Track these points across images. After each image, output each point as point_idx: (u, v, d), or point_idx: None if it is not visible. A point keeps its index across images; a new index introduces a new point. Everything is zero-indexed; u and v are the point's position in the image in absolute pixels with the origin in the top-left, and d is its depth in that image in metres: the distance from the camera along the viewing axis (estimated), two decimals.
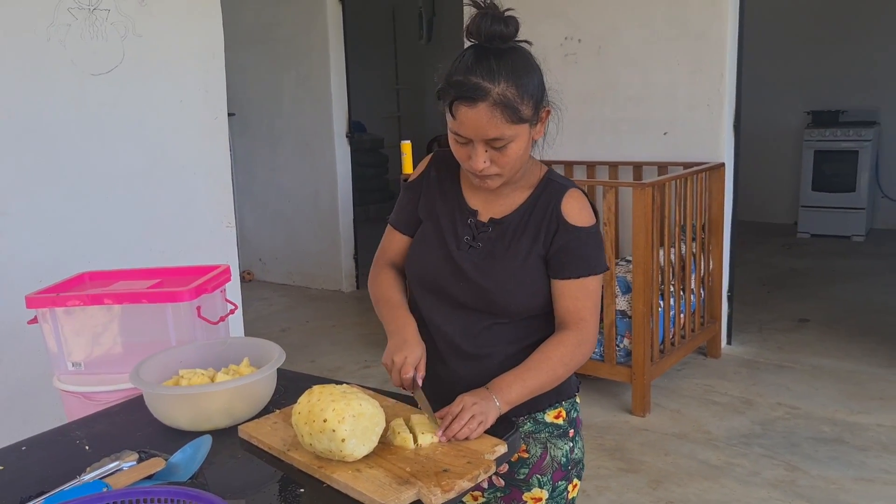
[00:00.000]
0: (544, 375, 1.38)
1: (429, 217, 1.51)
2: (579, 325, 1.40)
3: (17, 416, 2.56)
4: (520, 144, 1.35)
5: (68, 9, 2.59)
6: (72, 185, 2.67)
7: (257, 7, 5.62)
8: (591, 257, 1.41)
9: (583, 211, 1.43)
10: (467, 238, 1.45)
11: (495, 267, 1.41)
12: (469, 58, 1.32)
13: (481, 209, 1.47)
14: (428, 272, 1.49)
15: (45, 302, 1.73)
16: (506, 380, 1.35)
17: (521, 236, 1.42)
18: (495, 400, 1.32)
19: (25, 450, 1.34)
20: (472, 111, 1.30)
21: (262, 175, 6.02)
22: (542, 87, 1.38)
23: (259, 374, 1.38)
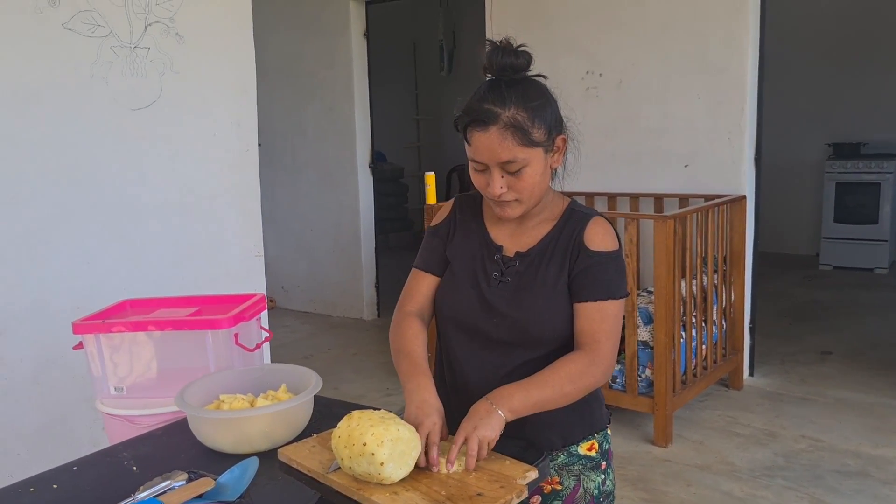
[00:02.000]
0: (549, 389, 1.38)
1: (457, 258, 1.55)
2: (592, 346, 1.42)
3: (56, 437, 2.63)
4: (535, 170, 1.40)
5: (111, 47, 2.71)
6: (110, 215, 2.76)
7: (283, 41, 5.77)
8: (610, 281, 1.44)
9: (605, 237, 1.47)
10: (496, 274, 1.49)
11: (526, 298, 1.46)
12: (482, 88, 1.41)
13: (507, 244, 1.52)
14: (460, 311, 1.52)
15: (90, 328, 1.81)
16: (507, 389, 1.37)
17: (548, 266, 1.47)
18: (497, 410, 1.32)
19: (76, 470, 1.40)
20: (484, 135, 1.37)
21: (285, 204, 6.13)
22: (555, 115, 1.44)
23: (298, 400, 1.43)
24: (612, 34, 4.30)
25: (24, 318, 2.54)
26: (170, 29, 2.88)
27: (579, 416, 1.52)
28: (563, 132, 1.46)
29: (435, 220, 1.64)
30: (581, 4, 4.38)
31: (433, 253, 1.59)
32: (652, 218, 3.41)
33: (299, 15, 5.67)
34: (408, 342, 1.51)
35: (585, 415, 1.53)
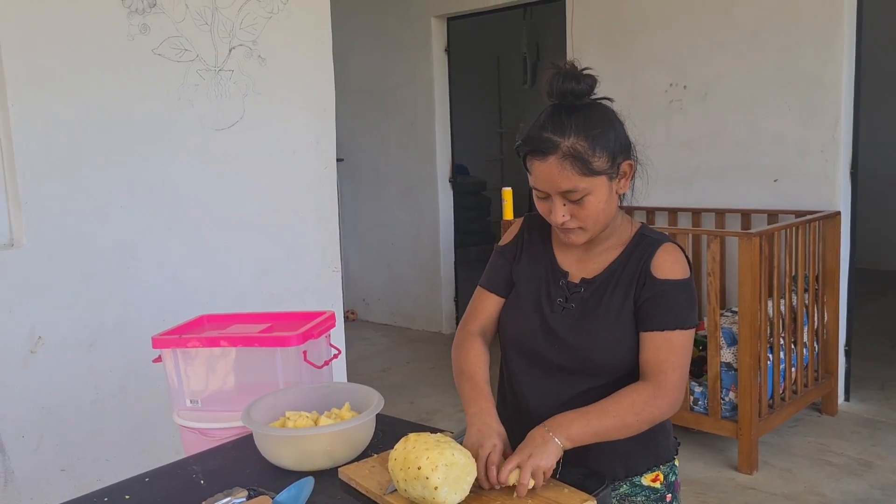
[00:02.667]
0: (611, 419, 1.34)
1: (522, 280, 1.53)
2: (658, 377, 1.38)
3: (138, 445, 2.74)
4: (598, 198, 1.36)
5: (197, 71, 2.83)
6: (194, 232, 2.87)
7: (365, 59, 5.88)
8: (678, 311, 1.39)
9: (675, 265, 1.41)
10: (560, 300, 1.47)
11: (589, 326, 1.42)
12: (543, 115, 1.38)
13: (573, 270, 1.49)
14: (522, 336, 1.50)
15: (168, 343, 1.88)
16: (567, 416, 1.34)
17: (613, 293, 1.43)
18: (554, 438, 1.29)
19: (148, 481, 1.46)
20: (543, 165, 1.35)
21: (367, 218, 6.23)
22: (620, 141, 1.39)
23: (359, 420, 1.44)
24: (698, 45, 4.18)
25: (112, 330, 2.67)
26: (252, 52, 2.98)
27: (643, 447, 1.47)
28: (629, 157, 1.41)
29: (503, 239, 1.63)
30: (664, 15, 4.28)
31: (498, 273, 1.58)
32: (736, 235, 3.28)
33: (381, 33, 5.77)
34: (470, 363, 1.51)
35: (650, 445, 1.48)
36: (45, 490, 2.55)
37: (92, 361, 2.64)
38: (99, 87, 2.58)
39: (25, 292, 2.47)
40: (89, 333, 2.62)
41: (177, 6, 2.74)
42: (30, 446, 2.51)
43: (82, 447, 2.62)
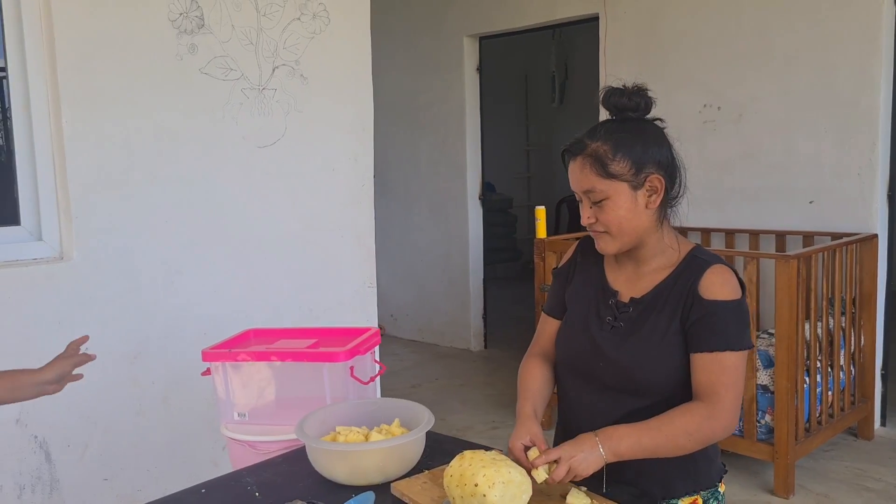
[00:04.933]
0: (662, 438, 1.36)
1: (573, 301, 1.57)
2: (712, 398, 1.38)
3: (179, 457, 2.78)
4: (617, 203, 1.41)
5: (242, 89, 2.89)
6: (236, 247, 2.92)
7: (398, 78, 5.95)
8: (727, 332, 1.39)
9: (724, 286, 1.41)
10: (609, 318, 1.49)
11: (635, 345, 1.44)
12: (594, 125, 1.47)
13: (623, 290, 1.51)
14: (572, 355, 1.54)
15: (218, 356, 1.92)
16: (620, 430, 1.36)
17: (661, 314, 1.44)
18: (600, 448, 1.32)
19: (204, 492, 1.49)
20: (573, 164, 1.46)
21: (396, 234, 6.28)
22: (652, 156, 1.42)
23: (412, 436, 1.47)
24: (732, 67, 4.18)
25: (158, 342, 2.72)
26: (295, 71, 3.04)
27: (682, 470, 1.47)
28: (661, 174, 1.43)
29: (561, 261, 1.68)
30: (699, 37, 4.30)
31: (555, 296, 1.63)
32: (773, 257, 3.27)
33: (414, 53, 5.84)
34: (527, 379, 1.60)
35: (690, 469, 1.48)
36: (88, 499, 2.59)
37: (136, 373, 2.69)
38: (148, 106, 2.65)
39: (74, 304, 2.53)
40: (134, 346, 2.67)
41: (223, 27, 2.81)
42: (75, 455, 2.56)
43: (125, 457, 2.67)
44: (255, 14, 2.89)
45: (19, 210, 2.55)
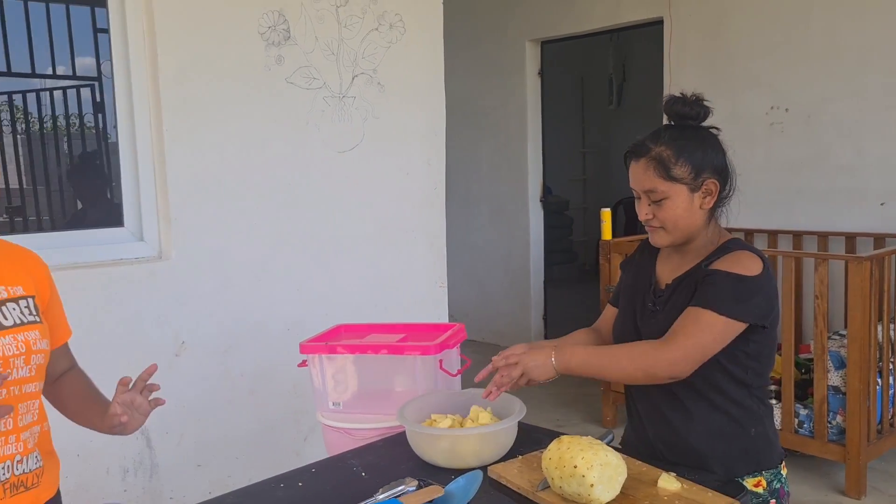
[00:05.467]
0: (608, 359, 1.52)
1: (624, 293, 1.74)
2: (669, 337, 1.50)
3: (266, 445, 2.94)
4: (676, 203, 1.54)
5: (324, 97, 3.04)
6: (317, 248, 3.07)
7: (461, 83, 6.06)
8: (717, 296, 1.48)
9: (735, 265, 1.52)
10: (650, 304, 1.64)
11: (662, 324, 1.56)
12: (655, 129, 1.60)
13: (664, 278, 1.65)
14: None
15: (315, 349, 2.04)
16: (574, 349, 1.54)
17: (684, 293, 1.57)
18: (552, 359, 1.48)
19: (315, 472, 1.62)
20: (635, 165, 1.58)
21: (458, 236, 6.38)
22: (711, 161, 1.56)
23: (508, 423, 1.57)
24: (801, 68, 4.18)
25: (246, 337, 2.88)
26: (373, 79, 3.18)
27: (742, 451, 1.55)
28: (717, 179, 1.55)
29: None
30: (767, 39, 4.30)
31: (616, 289, 1.81)
32: (846, 258, 3.27)
33: (477, 58, 5.95)
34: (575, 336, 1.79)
35: (750, 451, 1.57)
36: (183, 483, 2.77)
37: (227, 366, 2.86)
38: (239, 114, 2.81)
39: (172, 301, 2.71)
40: (225, 340, 2.84)
41: (308, 38, 2.96)
42: (172, 442, 2.73)
43: (216, 445, 2.83)
44: (337, 26, 3.03)
45: (123, 213, 2.75)
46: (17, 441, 1.35)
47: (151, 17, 2.61)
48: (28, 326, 1.36)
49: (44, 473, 1.42)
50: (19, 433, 1.35)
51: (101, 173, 3.87)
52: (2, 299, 1.35)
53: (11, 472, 1.33)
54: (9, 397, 1.32)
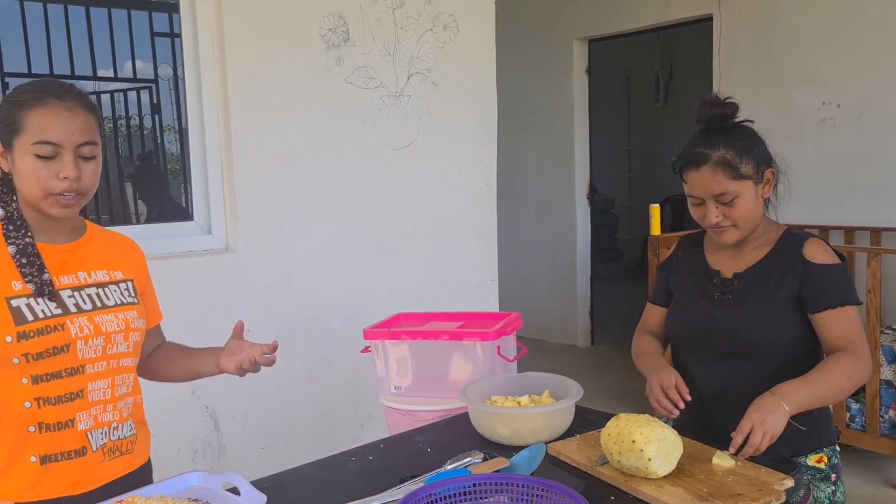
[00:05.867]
0: (829, 384, 1.52)
1: (680, 287, 1.81)
2: (851, 346, 1.55)
3: (323, 429, 3.07)
4: (747, 199, 1.61)
5: (380, 97, 3.15)
6: (373, 242, 3.18)
7: (509, 81, 6.13)
8: (844, 290, 1.59)
9: (825, 253, 1.62)
10: (716, 295, 1.70)
11: (747, 312, 1.63)
12: (694, 136, 1.67)
13: (724, 268, 1.72)
14: (685, 330, 1.76)
15: (379, 335, 2.15)
16: (792, 385, 1.50)
17: (767, 283, 1.64)
18: (783, 404, 1.46)
19: (383, 447, 1.72)
20: (697, 174, 1.62)
21: (504, 232, 6.40)
22: (762, 152, 1.64)
23: (567, 402, 1.65)
24: (853, 63, 4.15)
25: (305, 326, 3.01)
26: (427, 78, 3.28)
27: (807, 431, 1.61)
28: (771, 166, 1.65)
29: (665, 257, 1.87)
30: (818, 34, 4.28)
31: (659, 287, 1.88)
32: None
33: (524, 56, 6.01)
34: (645, 347, 1.83)
35: (813, 429, 1.63)
36: (248, 464, 2.90)
37: (288, 354, 2.97)
38: (300, 113, 2.94)
39: (238, 290, 2.85)
40: (287, 329, 2.96)
41: (366, 39, 3.07)
42: (238, 425, 2.88)
43: (279, 429, 2.97)
44: (394, 27, 3.14)
45: (192, 207, 2.90)
46: (114, 410, 1.48)
47: (220, 23, 2.75)
48: (127, 307, 1.50)
49: (137, 441, 1.55)
50: (115, 402, 1.48)
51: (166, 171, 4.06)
52: (105, 282, 1.49)
53: (108, 437, 1.47)
54: (108, 369, 1.45)
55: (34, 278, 1.37)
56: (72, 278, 1.44)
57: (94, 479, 1.45)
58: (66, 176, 1.36)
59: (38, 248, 1.41)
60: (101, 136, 1.44)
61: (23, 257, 1.38)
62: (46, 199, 1.38)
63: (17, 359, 1.34)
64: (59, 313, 1.39)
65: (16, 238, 1.39)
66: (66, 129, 1.36)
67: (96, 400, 1.44)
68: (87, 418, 1.43)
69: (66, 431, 1.39)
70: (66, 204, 1.39)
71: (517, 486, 1.21)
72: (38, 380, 1.36)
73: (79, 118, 1.38)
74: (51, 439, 1.38)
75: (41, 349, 1.36)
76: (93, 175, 1.41)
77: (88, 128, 1.39)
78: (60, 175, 1.36)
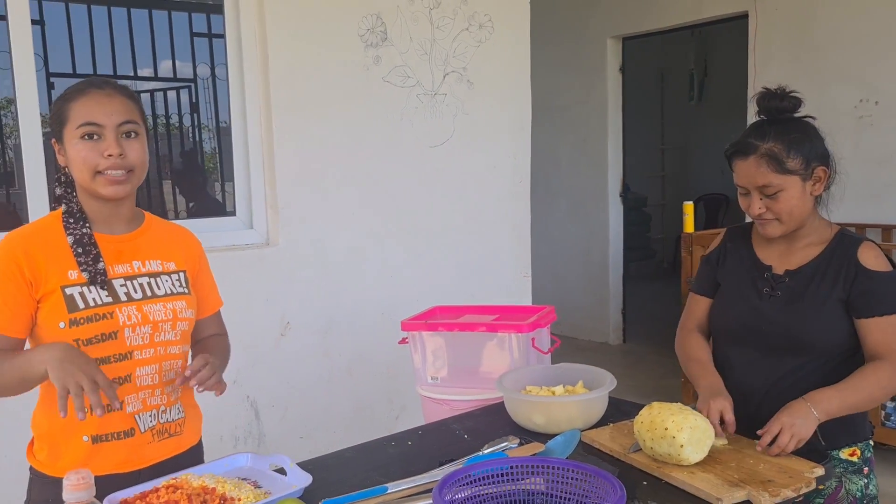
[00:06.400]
0: (862, 393, 1.54)
1: (727, 279, 1.80)
2: (892, 355, 1.56)
3: (361, 420, 3.14)
4: (791, 194, 1.61)
5: (417, 95, 3.21)
6: (409, 237, 3.25)
7: (541, 79, 6.12)
8: (892, 298, 1.59)
9: (879, 258, 1.63)
10: (766, 289, 1.70)
11: (797, 309, 1.64)
12: (751, 126, 1.68)
13: (775, 264, 1.72)
14: (732, 324, 1.75)
15: (416, 327, 2.21)
16: (825, 393, 1.53)
17: (821, 282, 1.64)
18: (813, 411, 1.49)
19: (421, 434, 1.78)
20: (744, 163, 1.63)
21: (535, 230, 6.43)
22: (816, 149, 1.63)
23: (600, 392, 1.70)
24: (891, 60, 4.12)
25: (344, 319, 3.08)
26: (462, 77, 3.33)
27: (842, 425, 1.63)
28: (825, 164, 1.64)
29: (708, 250, 1.88)
30: (857, 32, 4.25)
31: (706, 278, 1.86)
32: None
33: (558, 54, 6.03)
34: (695, 351, 1.79)
35: (848, 424, 1.65)
36: (287, 453, 2.94)
37: (327, 346, 3.07)
38: (339, 111, 3.02)
39: (279, 284, 2.93)
40: (325, 321, 3.05)
41: (403, 39, 3.14)
42: (278, 415, 2.96)
43: (317, 419, 3.05)
44: (430, 27, 3.20)
45: (234, 203, 2.99)
46: (162, 394, 1.56)
47: (263, 23, 2.83)
48: (177, 297, 1.57)
49: (186, 423, 1.63)
50: (163, 387, 1.56)
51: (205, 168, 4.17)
52: (158, 272, 1.57)
53: (157, 420, 1.55)
54: (156, 356, 1.53)
55: (89, 267, 1.45)
56: (125, 268, 1.52)
57: (144, 458, 1.53)
58: (111, 153, 1.44)
59: (95, 238, 1.49)
60: (144, 122, 1.52)
61: (79, 247, 1.46)
62: (96, 179, 1.45)
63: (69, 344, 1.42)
64: (109, 301, 1.47)
65: (74, 228, 1.48)
66: (106, 111, 1.44)
67: (144, 385, 1.52)
68: (136, 401, 1.51)
69: (114, 413, 1.47)
70: (115, 181, 1.46)
71: (554, 469, 1.26)
72: None
73: (116, 101, 1.46)
74: (101, 420, 1.46)
75: (91, 335, 1.44)
76: (138, 152, 1.49)
77: (127, 109, 1.47)
78: (105, 153, 1.44)
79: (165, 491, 1.36)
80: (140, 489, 1.38)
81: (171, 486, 1.37)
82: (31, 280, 1.43)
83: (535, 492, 1.26)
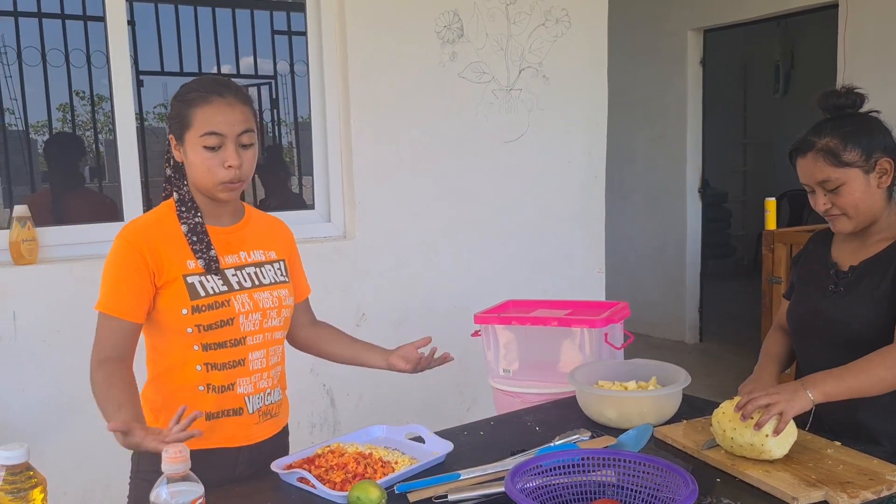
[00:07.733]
0: (864, 374, 1.50)
1: (800, 279, 1.82)
2: None
3: (432, 413, 3.18)
4: (853, 188, 1.59)
5: (492, 90, 3.23)
6: (483, 232, 3.28)
7: (617, 72, 6.05)
8: None
9: None
10: (831, 286, 1.70)
11: (850, 304, 1.63)
12: (814, 124, 1.66)
13: (843, 260, 1.71)
14: (798, 320, 1.77)
15: (489, 320, 2.24)
16: (821, 374, 1.52)
17: (873, 276, 1.62)
18: (808, 393, 1.47)
19: (493, 424, 1.81)
20: (803, 161, 1.64)
21: (610, 225, 6.36)
22: (879, 142, 1.61)
23: (674, 388, 1.69)
24: None
25: (417, 311, 3.14)
26: (538, 72, 3.34)
27: None
28: (890, 156, 1.61)
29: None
30: None
31: (789, 280, 1.90)
32: None
33: (635, 46, 5.94)
34: (769, 345, 1.85)
35: None
36: None
37: (399, 338, 3.09)
38: (416, 107, 3.07)
39: (355, 276, 3.01)
40: (399, 313, 3.11)
41: (479, 35, 3.16)
42: (352, 402, 3.04)
43: (389, 409, 3.11)
44: (506, 22, 3.22)
45: (314, 197, 3.08)
46: (269, 377, 1.65)
47: (343, 21, 2.90)
48: (280, 285, 1.66)
49: (282, 405, 1.71)
50: (270, 371, 1.65)
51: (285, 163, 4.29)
52: (262, 261, 1.65)
53: (263, 402, 1.63)
54: (264, 341, 1.62)
55: (203, 254, 1.54)
56: (234, 258, 1.61)
57: (249, 437, 1.62)
58: (231, 164, 1.52)
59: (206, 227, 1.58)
60: (257, 125, 1.61)
61: (193, 235, 1.56)
62: (217, 187, 1.55)
63: (190, 328, 1.52)
64: (226, 290, 1.56)
65: (188, 218, 1.57)
66: (228, 121, 1.52)
67: (255, 369, 1.61)
68: (247, 384, 1.60)
69: (228, 394, 1.58)
70: (232, 189, 1.56)
71: (625, 462, 1.27)
72: (207, 347, 1.54)
73: (237, 111, 1.54)
74: (216, 399, 1.57)
75: (211, 321, 1.53)
76: (251, 161, 1.57)
77: (245, 118, 1.55)
78: (226, 164, 1.52)
79: (332, 455, 1.49)
80: (300, 455, 1.53)
81: (334, 452, 1.51)
82: (155, 269, 1.52)
83: (605, 483, 1.27)
